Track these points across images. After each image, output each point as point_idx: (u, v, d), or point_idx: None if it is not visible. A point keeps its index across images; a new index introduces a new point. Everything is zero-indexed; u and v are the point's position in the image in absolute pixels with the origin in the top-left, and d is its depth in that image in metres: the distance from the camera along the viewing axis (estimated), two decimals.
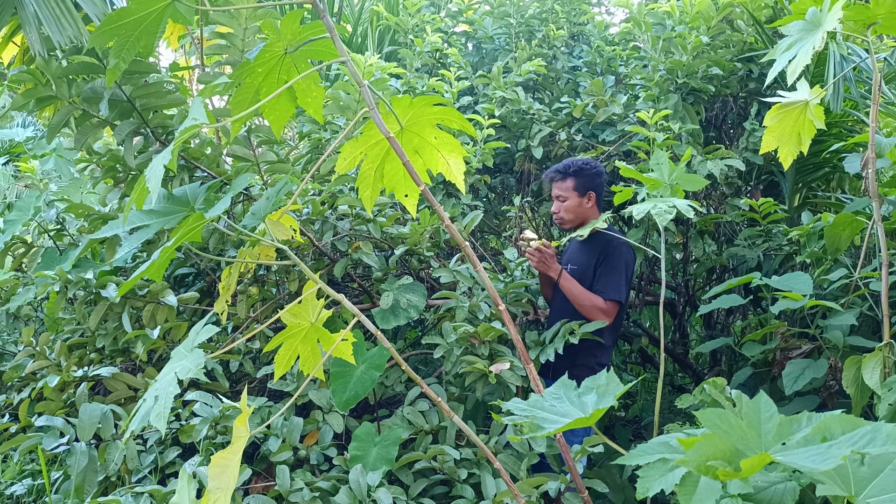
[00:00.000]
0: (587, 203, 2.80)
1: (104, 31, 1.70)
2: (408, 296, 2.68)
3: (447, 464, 2.27)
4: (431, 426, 2.44)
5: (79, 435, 2.30)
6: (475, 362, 2.47)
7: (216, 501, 1.35)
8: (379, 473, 2.15)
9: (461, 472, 2.27)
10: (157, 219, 2.24)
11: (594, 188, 2.80)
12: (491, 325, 2.52)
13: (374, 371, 2.40)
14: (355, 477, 2.12)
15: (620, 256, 2.72)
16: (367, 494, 2.08)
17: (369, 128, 1.74)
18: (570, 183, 2.80)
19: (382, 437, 2.32)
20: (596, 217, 2.80)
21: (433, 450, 2.29)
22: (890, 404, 1.90)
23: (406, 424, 2.45)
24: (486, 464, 2.32)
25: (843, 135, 3.40)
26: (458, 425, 2.41)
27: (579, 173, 2.79)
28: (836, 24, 2.02)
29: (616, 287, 2.69)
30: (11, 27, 2.96)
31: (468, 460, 2.32)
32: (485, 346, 2.54)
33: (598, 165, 2.84)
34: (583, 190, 2.79)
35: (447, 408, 1.73)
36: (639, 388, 4.48)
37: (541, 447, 2.32)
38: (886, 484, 1.04)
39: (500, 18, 4.37)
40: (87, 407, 2.34)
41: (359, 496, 2.08)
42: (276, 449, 2.28)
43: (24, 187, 6.64)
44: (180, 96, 2.83)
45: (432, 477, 2.29)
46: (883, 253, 2.10)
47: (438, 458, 2.28)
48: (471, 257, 1.68)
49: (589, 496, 1.72)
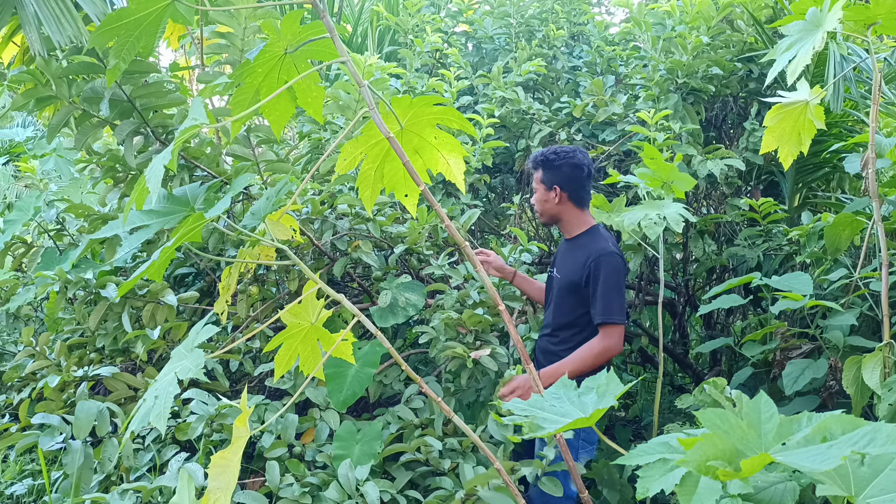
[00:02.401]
0: (554, 198, 2.52)
1: (104, 31, 1.70)
2: (406, 294, 2.67)
3: (431, 454, 2.27)
4: (421, 420, 2.45)
5: (75, 433, 2.31)
6: (456, 347, 2.44)
7: (216, 501, 1.35)
8: (367, 468, 2.17)
9: (445, 462, 2.27)
10: (157, 219, 2.24)
11: (560, 182, 2.50)
12: (475, 313, 2.49)
13: (369, 368, 2.42)
14: (344, 472, 2.15)
15: (611, 270, 2.42)
16: (355, 489, 2.11)
17: (369, 128, 1.74)
18: (538, 174, 2.56)
19: (364, 434, 2.33)
20: (571, 216, 2.56)
21: (416, 441, 2.29)
22: (890, 404, 1.90)
23: (396, 420, 2.46)
24: (469, 454, 2.31)
25: (843, 135, 3.40)
26: (450, 419, 2.44)
27: (544, 164, 2.53)
28: (836, 24, 2.02)
29: (612, 308, 2.38)
30: (11, 27, 2.96)
31: (453, 450, 2.32)
32: (470, 334, 2.51)
33: (570, 156, 2.51)
34: (548, 183, 2.53)
35: (446, 407, 1.73)
36: (639, 388, 4.48)
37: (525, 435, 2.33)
38: (886, 484, 1.04)
39: (500, 18, 4.37)
40: (84, 405, 2.34)
41: (348, 491, 2.10)
42: (269, 445, 2.29)
43: (24, 187, 6.64)
44: (180, 96, 2.83)
45: (418, 469, 2.30)
46: (883, 253, 2.10)
47: (423, 449, 2.28)
48: (470, 257, 1.68)
49: (589, 497, 1.72)
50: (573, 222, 2.58)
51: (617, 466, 2.75)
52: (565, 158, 2.51)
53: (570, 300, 2.52)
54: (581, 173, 2.52)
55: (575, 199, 2.55)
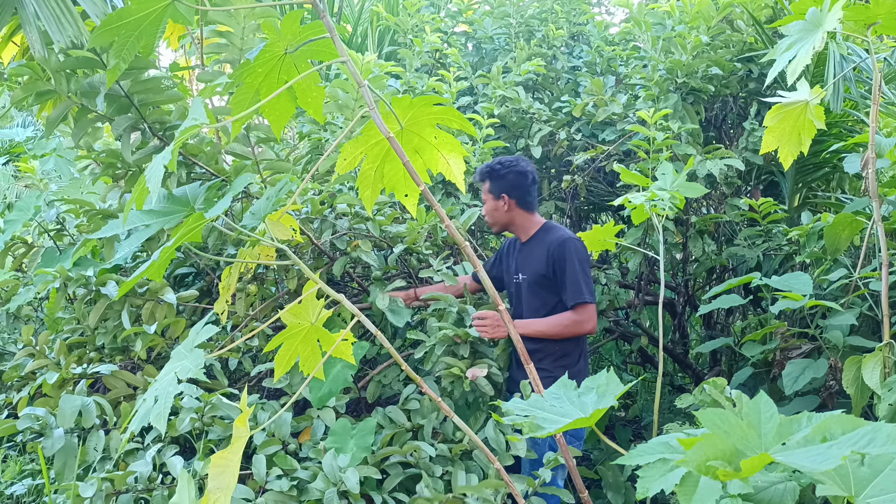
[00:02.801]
0: (503, 206, 2.66)
1: (104, 30, 1.70)
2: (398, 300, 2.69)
3: (423, 460, 2.30)
4: (413, 424, 2.46)
5: (59, 422, 2.32)
6: (453, 366, 2.46)
7: (216, 501, 1.35)
8: (349, 457, 2.21)
9: (436, 468, 2.29)
10: (157, 219, 2.24)
11: (508, 190, 2.64)
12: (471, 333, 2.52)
13: (348, 370, 2.46)
14: (328, 461, 2.18)
15: (573, 254, 2.56)
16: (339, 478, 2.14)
17: (369, 128, 1.74)
18: (486, 185, 2.70)
19: (358, 429, 2.35)
20: (523, 220, 2.69)
21: (409, 446, 2.32)
22: (890, 404, 1.91)
23: (388, 423, 2.48)
24: (459, 461, 2.36)
25: (843, 135, 3.40)
26: (442, 423, 2.45)
27: (491, 175, 2.67)
28: (836, 24, 2.03)
29: (581, 289, 2.53)
30: (11, 27, 2.96)
31: (443, 457, 2.35)
32: (465, 345, 2.53)
33: (514, 165, 2.66)
34: (497, 192, 2.66)
35: (446, 407, 1.73)
36: (639, 388, 4.49)
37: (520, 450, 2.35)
38: (886, 484, 1.04)
39: (500, 18, 4.37)
40: (68, 398, 2.37)
41: (332, 479, 2.13)
42: (261, 443, 2.30)
43: (24, 187, 6.64)
44: (178, 92, 2.83)
45: (407, 470, 2.32)
46: (883, 253, 2.10)
47: (415, 455, 2.31)
48: (470, 257, 1.68)
49: (589, 497, 1.72)
50: (525, 225, 2.71)
51: (620, 468, 2.75)
52: (510, 167, 2.65)
53: (541, 294, 2.64)
54: (526, 180, 2.67)
55: (523, 204, 2.68)
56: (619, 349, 4.97)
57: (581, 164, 3.55)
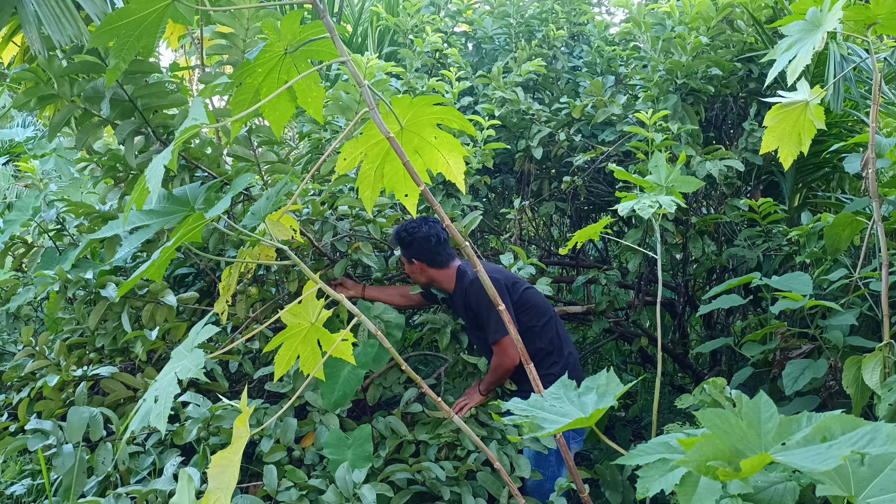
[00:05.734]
0: (417, 269, 2.75)
1: (104, 31, 1.70)
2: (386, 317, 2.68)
3: (430, 480, 2.33)
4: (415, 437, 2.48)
5: (67, 437, 2.31)
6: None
7: (216, 501, 1.35)
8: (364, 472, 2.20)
9: (444, 489, 2.32)
10: (157, 219, 2.24)
11: (417, 255, 2.72)
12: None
13: (361, 369, 2.45)
14: (342, 475, 2.18)
15: (476, 297, 2.66)
16: (352, 492, 2.14)
17: (369, 128, 1.74)
18: (399, 252, 2.83)
19: (354, 439, 2.36)
20: (440, 276, 2.75)
21: (417, 465, 2.35)
22: (890, 404, 1.90)
23: (391, 434, 2.48)
24: (465, 482, 2.38)
25: (843, 135, 3.40)
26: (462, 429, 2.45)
27: (399, 244, 2.76)
28: (836, 24, 2.02)
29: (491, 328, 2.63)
30: (11, 27, 2.95)
31: (450, 477, 2.37)
32: None
33: (416, 231, 2.70)
34: (408, 257, 2.75)
35: (446, 406, 1.73)
36: (639, 388, 4.48)
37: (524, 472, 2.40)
38: (886, 484, 1.04)
39: (500, 18, 4.37)
40: (76, 410, 2.36)
41: (345, 494, 2.13)
42: (268, 450, 2.30)
43: (24, 187, 6.63)
44: (181, 96, 2.83)
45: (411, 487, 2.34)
46: (883, 253, 2.10)
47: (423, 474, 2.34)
48: (471, 257, 1.68)
49: (589, 497, 1.72)
50: (444, 280, 2.78)
51: (619, 467, 2.75)
52: (413, 234, 2.71)
53: (479, 335, 2.77)
54: (429, 243, 2.71)
55: (434, 264, 2.75)
56: (619, 349, 4.97)
57: (581, 165, 3.55)
